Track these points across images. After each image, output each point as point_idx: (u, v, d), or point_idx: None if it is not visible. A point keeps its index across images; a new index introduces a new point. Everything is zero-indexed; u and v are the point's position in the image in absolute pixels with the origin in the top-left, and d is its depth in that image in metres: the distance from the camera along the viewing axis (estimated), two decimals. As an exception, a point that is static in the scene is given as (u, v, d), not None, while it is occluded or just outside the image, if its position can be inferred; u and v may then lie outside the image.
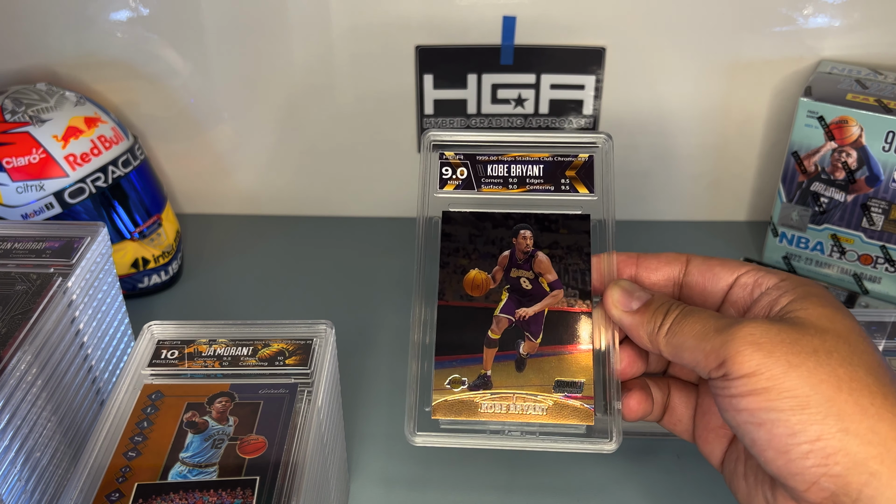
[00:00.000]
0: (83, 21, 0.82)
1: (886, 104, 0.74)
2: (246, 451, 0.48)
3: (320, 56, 0.83)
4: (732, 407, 0.38)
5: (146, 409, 0.50)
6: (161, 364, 0.52)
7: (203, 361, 0.53)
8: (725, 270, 0.44)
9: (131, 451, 0.48)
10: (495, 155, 0.50)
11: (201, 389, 0.52)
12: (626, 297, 0.43)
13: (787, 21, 0.80)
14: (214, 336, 0.55)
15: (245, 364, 0.53)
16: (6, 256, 0.57)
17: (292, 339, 0.55)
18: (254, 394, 0.51)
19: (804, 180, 0.80)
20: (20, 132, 0.74)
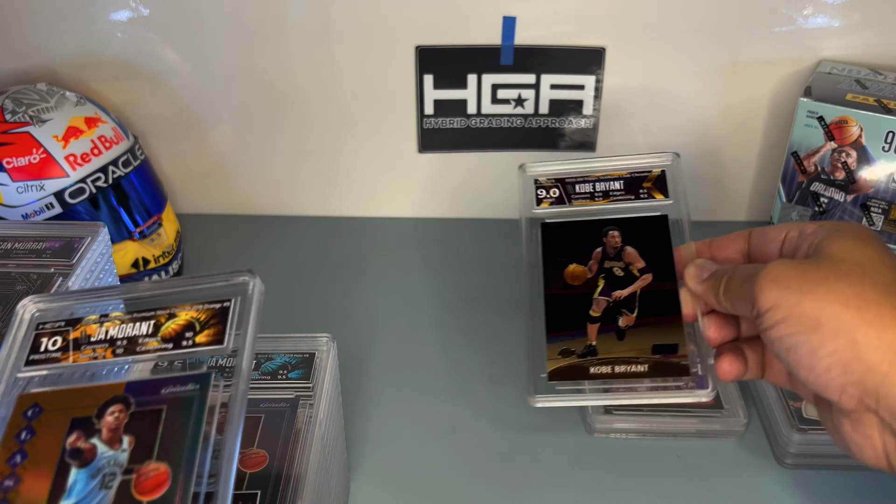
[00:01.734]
0: (84, 21, 0.82)
1: (886, 104, 0.74)
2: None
3: (320, 56, 0.83)
4: (769, 340, 0.43)
5: (19, 435, 0.40)
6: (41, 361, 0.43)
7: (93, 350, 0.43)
8: (776, 231, 0.49)
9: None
10: (581, 176, 0.59)
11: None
12: (698, 271, 0.50)
13: (787, 21, 0.80)
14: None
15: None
16: (6, 256, 0.57)
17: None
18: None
19: (804, 180, 0.80)
20: (21, 132, 0.74)
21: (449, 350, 0.76)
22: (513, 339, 0.77)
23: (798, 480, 0.64)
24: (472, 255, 0.89)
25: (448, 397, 0.71)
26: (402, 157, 0.90)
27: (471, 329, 0.78)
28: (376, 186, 0.93)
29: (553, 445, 0.67)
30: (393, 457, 0.66)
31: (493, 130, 0.88)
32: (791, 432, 0.63)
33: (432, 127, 0.88)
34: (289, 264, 0.88)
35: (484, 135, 0.88)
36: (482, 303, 0.82)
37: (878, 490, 0.63)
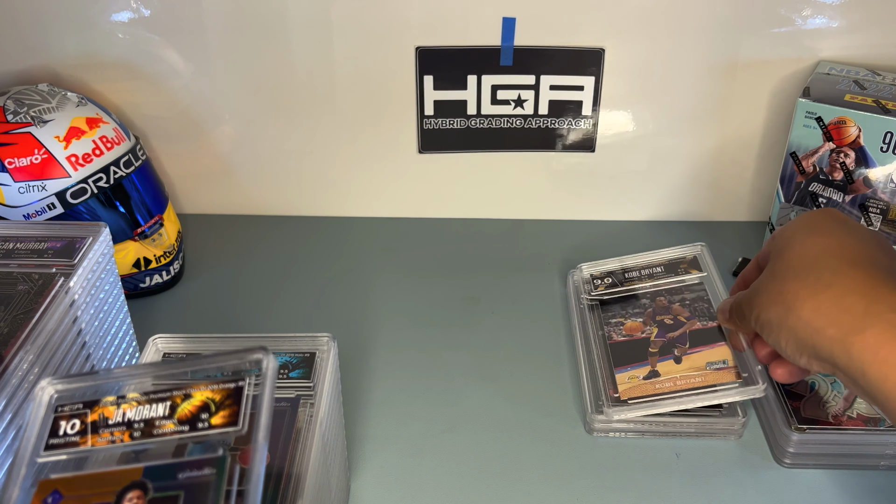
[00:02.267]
0: (85, 22, 0.82)
1: (884, 105, 0.74)
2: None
3: (321, 57, 0.84)
4: (766, 339, 0.55)
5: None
6: (60, 445, 0.42)
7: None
8: (759, 258, 0.61)
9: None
10: (629, 268, 0.80)
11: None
12: (721, 315, 0.63)
13: (786, 22, 0.80)
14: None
15: None
16: (8, 256, 0.58)
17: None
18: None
19: (802, 181, 0.80)
20: (22, 133, 0.74)
21: (449, 350, 0.76)
22: (512, 338, 0.78)
23: (797, 480, 0.64)
24: (472, 255, 0.89)
25: (447, 397, 0.71)
26: (402, 157, 0.90)
27: (470, 329, 0.79)
28: (376, 186, 0.93)
29: (553, 445, 0.67)
30: (393, 456, 0.66)
31: (493, 131, 0.88)
32: (790, 432, 0.63)
33: (432, 127, 0.88)
34: (289, 264, 0.88)
35: (484, 135, 0.88)
36: (482, 302, 0.82)
37: (878, 490, 0.63)
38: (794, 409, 0.65)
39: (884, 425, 0.64)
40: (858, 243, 0.51)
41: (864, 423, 0.65)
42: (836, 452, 0.64)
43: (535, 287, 0.84)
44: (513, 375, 0.73)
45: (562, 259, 0.87)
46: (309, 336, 0.56)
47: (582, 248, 0.88)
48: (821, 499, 0.62)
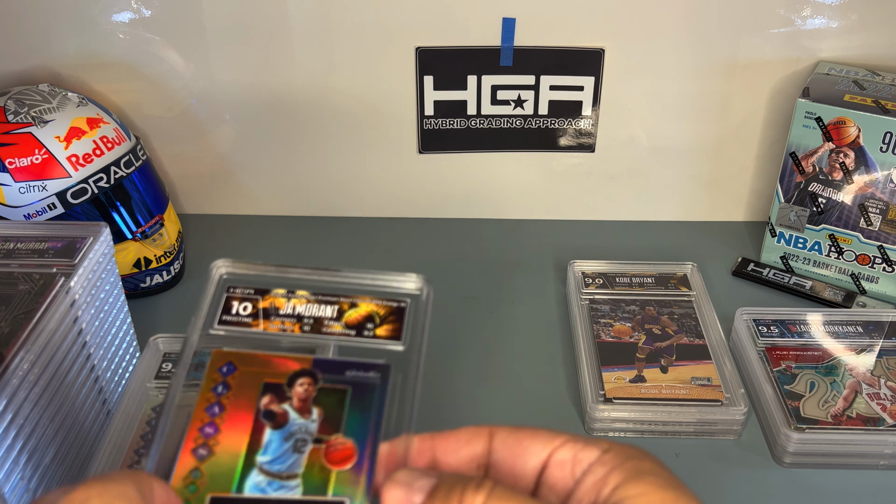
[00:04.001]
0: (86, 22, 0.82)
1: (884, 105, 0.74)
2: (334, 459, 0.41)
3: (321, 57, 0.84)
4: None
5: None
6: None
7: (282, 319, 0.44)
8: (536, 443, 0.36)
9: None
10: (620, 273, 0.82)
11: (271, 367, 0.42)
12: (405, 492, 0.34)
13: (786, 22, 0.80)
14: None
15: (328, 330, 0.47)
16: (9, 256, 0.58)
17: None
18: (340, 375, 0.45)
19: (802, 181, 0.81)
20: (23, 133, 0.74)
21: (448, 349, 0.76)
22: (512, 338, 0.78)
23: (796, 479, 0.64)
24: (472, 255, 0.89)
25: (447, 396, 0.71)
26: (402, 157, 0.90)
27: (470, 328, 0.79)
28: (376, 186, 0.93)
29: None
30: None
31: (493, 131, 0.88)
32: (789, 431, 0.63)
33: (432, 128, 0.88)
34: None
35: (484, 135, 0.89)
36: (482, 302, 0.82)
37: (877, 490, 0.63)
38: (793, 409, 0.66)
39: (883, 425, 0.65)
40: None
41: (863, 422, 0.65)
42: (836, 452, 0.64)
43: (534, 287, 0.84)
44: (512, 374, 0.73)
45: (561, 259, 0.87)
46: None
47: (582, 248, 0.88)
48: (820, 498, 0.62)
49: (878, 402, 0.66)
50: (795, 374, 0.69)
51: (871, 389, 0.67)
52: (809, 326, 0.73)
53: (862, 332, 0.73)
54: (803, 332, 0.73)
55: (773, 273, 0.85)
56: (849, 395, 0.67)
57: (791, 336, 0.72)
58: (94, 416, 0.60)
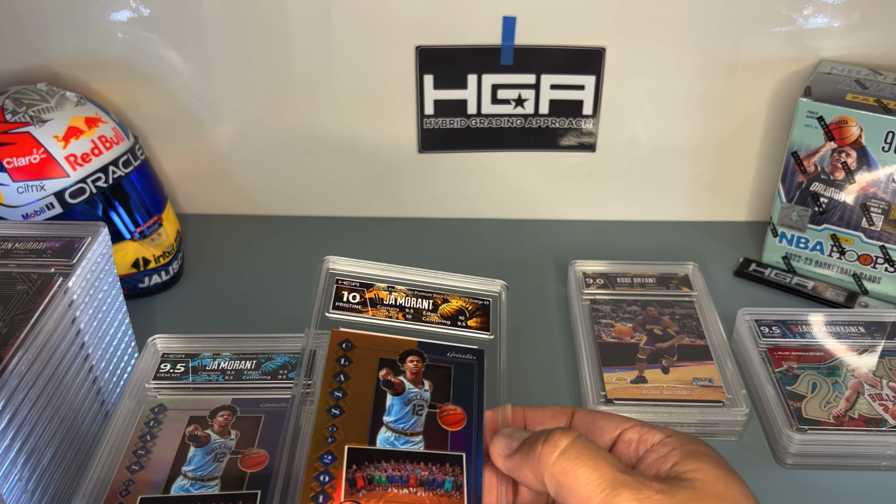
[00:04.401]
0: (84, 21, 0.82)
1: (886, 104, 0.74)
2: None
3: (320, 56, 0.84)
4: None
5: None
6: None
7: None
8: (609, 424, 0.42)
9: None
10: (621, 273, 0.82)
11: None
12: (507, 441, 0.41)
13: (787, 21, 0.80)
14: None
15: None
16: (7, 256, 0.57)
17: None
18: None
19: (804, 180, 0.80)
20: (21, 132, 0.74)
21: (449, 350, 0.76)
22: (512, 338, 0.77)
23: (798, 481, 0.64)
24: (473, 254, 0.89)
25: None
26: (402, 157, 0.90)
27: (471, 329, 0.79)
28: (376, 186, 0.93)
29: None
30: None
31: (493, 130, 0.88)
32: (791, 432, 0.63)
33: (432, 127, 0.88)
34: (288, 264, 0.88)
35: (484, 135, 0.88)
36: (482, 303, 0.82)
37: (878, 490, 0.63)
38: (795, 410, 0.65)
39: (885, 426, 0.64)
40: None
41: (865, 423, 0.64)
42: (838, 453, 0.64)
43: (535, 287, 0.84)
44: (512, 374, 0.73)
45: (562, 259, 0.86)
46: (299, 336, 0.55)
47: (582, 248, 0.88)
48: (822, 500, 0.62)
49: (880, 403, 0.66)
50: (797, 374, 0.69)
51: (873, 390, 0.67)
52: (811, 327, 0.73)
53: (864, 332, 0.72)
54: (805, 332, 0.72)
55: (775, 273, 0.85)
56: (851, 395, 0.67)
57: (793, 336, 0.72)
58: (92, 417, 0.60)
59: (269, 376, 0.53)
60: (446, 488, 0.42)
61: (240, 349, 0.55)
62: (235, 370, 0.53)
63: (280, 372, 0.53)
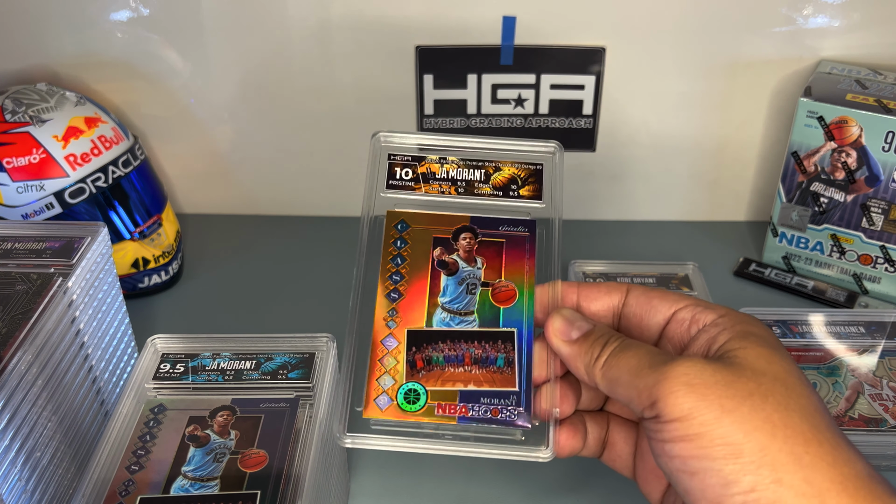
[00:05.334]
0: (83, 21, 0.82)
1: (886, 104, 0.74)
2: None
3: (320, 56, 0.83)
4: (665, 453, 0.36)
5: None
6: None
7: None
8: (664, 303, 0.42)
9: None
10: (621, 273, 0.80)
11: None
12: (566, 327, 0.43)
13: (787, 21, 0.80)
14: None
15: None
16: (6, 256, 0.57)
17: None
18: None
19: (804, 180, 0.80)
20: (20, 132, 0.74)
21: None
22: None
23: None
24: (472, 255, 0.89)
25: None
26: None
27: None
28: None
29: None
30: (393, 457, 0.66)
31: (493, 130, 0.88)
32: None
33: (432, 127, 0.88)
34: (289, 264, 0.88)
35: (484, 135, 0.88)
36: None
37: (878, 490, 0.63)
38: (795, 410, 0.65)
39: (885, 426, 0.64)
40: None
41: (865, 423, 0.64)
42: (838, 453, 0.64)
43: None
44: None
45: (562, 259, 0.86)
46: (308, 336, 0.55)
47: (583, 248, 0.88)
48: (822, 500, 0.62)
49: (880, 403, 0.66)
50: (797, 374, 0.69)
51: (873, 390, 0.67)
52: (811, 327, 0.73)
53: (864, 332, 0.72)
54: (805, 332, 0.72)
55: (775, 273, 0.85)
56: (851, 395, 0.67)
57: (793, 336, 0.72)
58: (92, 417, 0.60)
59: (268, 376, 0.53)
60: (498, 365, 0.44)
61: (239, 349, 0.55)
62: (235, 370, 0.53)
63: (280, 372, 0.53)
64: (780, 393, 0.36)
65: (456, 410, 0.43)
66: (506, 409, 0.43)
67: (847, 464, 0.35)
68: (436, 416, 0.43)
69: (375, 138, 0.51)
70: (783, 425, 0.35)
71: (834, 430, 0.36)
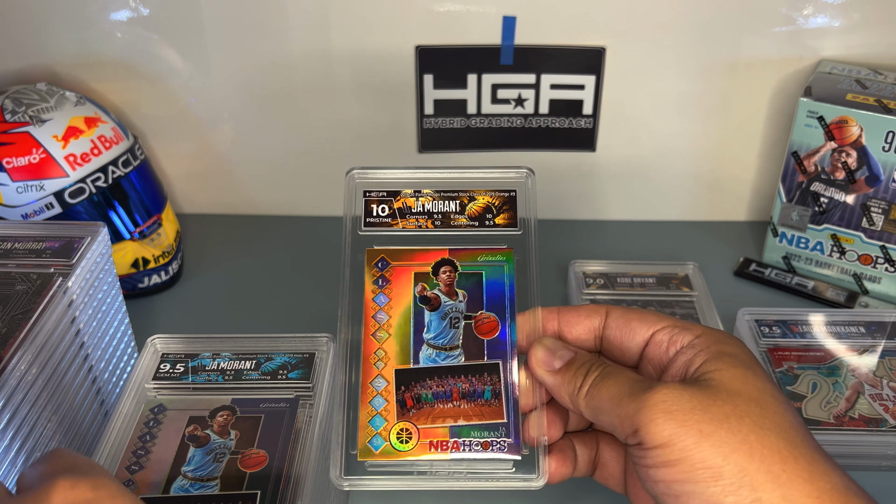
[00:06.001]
0: (83, 21, 0.82)
1: (886, 104, 0.74)
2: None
3: (320, 56, 0.83)
4: (650, 477, 0.37)
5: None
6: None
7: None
8: (642, 325, 0.43)
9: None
10: (621, 273, 0.80)
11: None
12: (548, 357, 0.43)
13: (787, 21, 0.80)
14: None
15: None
16: (6, 256, 0.57)
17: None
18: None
19: (804, 180, 0.80)
20: (20, 132, 0.74)
21: (449, 350, 0.76)
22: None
23: (798, 480, 0.64)
24: (472, 254, 0.89)
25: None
26: (402, 156, 0.90)
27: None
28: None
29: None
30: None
31: (493, 130, 0.88)
32: (791, 432, 0.63)
33: (432, 127, 0.88)
34: (289, 264, 0.88)
35: (484, 135, 0.88)
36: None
37: (880, 491, 0.63)
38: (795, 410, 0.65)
39: (885, 426, 0.64)
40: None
41: (865, 423, 0.64)
42: (838, 453, 0.63)
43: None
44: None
45: (562, 259, 0.86)
46: (308, 336, 0.55)
47: (582, 248, 0.88)
48: (823, 500, 0.62)
49: (880, 403, 0.66)
50: (797, 374, 0.69)
51: (873, 390, 0.67)
52: (812, 327, 0.73)
53: (864, 332, 0.72)
54: (805, 332, 0.72)
55: (775, 273, 0.85)
56: (851, 395, 0.67)
57: (793, 336, 0.72)
58: (91, 417, 0.59)
59: (268, 376, 0.53)
60: (486, 397, 0.44)
61: (239, 349, 0.55)
62: (235, 370, 0.53)
63: (280, 372, 0.53)
64: (755, 413, 0.37)
65: (448, 447, 0.43)
66: (496, 441, 0.43)
67: (823, 478, 0.36)
68: (429, 453, 0.43)
69: (350, 176, 0.50)
70: (760, 445, 0.36)
71: (810, 444, 0.37)
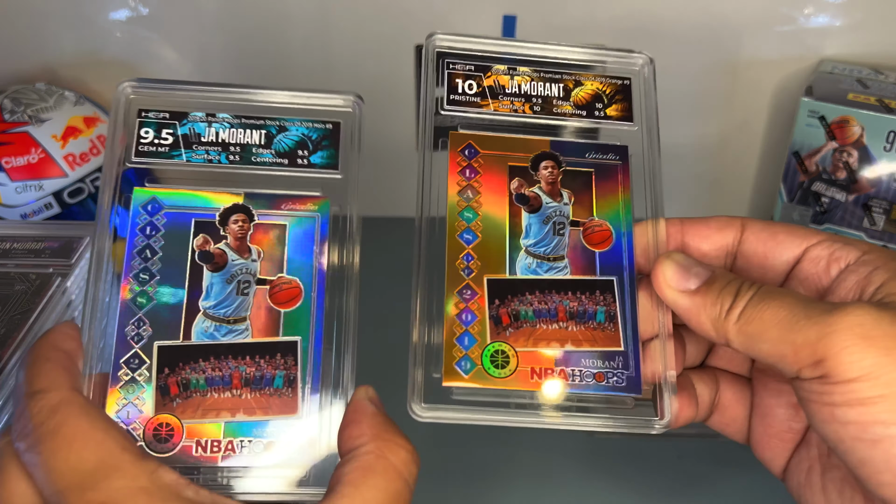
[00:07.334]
0: (82, 20, 0.82)
1: (888, 104, 0.74)
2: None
3: (320, 56, 0.83)
4: (835, 418, 0.30)
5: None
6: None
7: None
8: (792, 239, 0.36)
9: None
10: None
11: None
12: (681, 275, 0.35)
13: (788, 20, 0.80)
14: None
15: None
16: (5, 256, 0.57)
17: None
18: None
19: (805, 180, 0.80)
20: (19, 132, 0.74)
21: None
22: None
23: (800, 481, 0.63)
24: (473, 255, 0.89)
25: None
26: (402, 156, 0.90)
27: (471, 329, 0.78)
28: (376, 186, 0.93)
29: (552, 445, 0.66)
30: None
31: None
32: (793, 433, 0.63)
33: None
34: (288, 264, 0.87)
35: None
36: (482, 303, 0.82)
37: (881, 491, 0.63)
38: (797, 410, 0.65)
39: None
40: None
41: (867, 424, 0.64)
42: (840, 454, 0.64)
43: (535, 287, 0.84)
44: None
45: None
46: (332, 95, 0.44)
47: (583, 248, 0.88)
48: (825, 500, 0.62)
49: (882, 404, 0.66)
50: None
51: (875, 390, 0.67)
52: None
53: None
54: (807, 332, 0.72)
55: (776, 273, 0.85)
56: (853, 396, 0.66)
57: (794, 336, 0.72)
58: (91, 418, 0.59)
59: (284, 158, 0.40)
60: (599, 320, 0.37)
61: (241, 108, 0.40)
62: (241, 145, 0.38)
63: (299, 153, 0.41)
64: None
65: (554, 374, 0.36)
66: (611, 372, 0.36)
67: None
68: (530, 382, 0.36)
69: (430, 41, 0.41)
70: None
71: None
